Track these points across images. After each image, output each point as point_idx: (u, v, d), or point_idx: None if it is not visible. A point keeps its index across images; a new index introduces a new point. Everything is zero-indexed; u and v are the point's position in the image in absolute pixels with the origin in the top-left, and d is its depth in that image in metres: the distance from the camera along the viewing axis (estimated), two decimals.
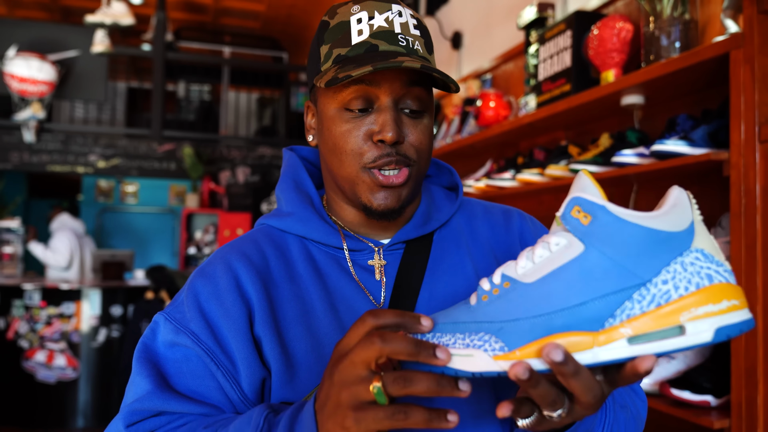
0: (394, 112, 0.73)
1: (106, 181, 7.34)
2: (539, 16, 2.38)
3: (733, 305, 0.50)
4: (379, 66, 0.67)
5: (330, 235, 0.80)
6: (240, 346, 0.72)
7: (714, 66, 1.51)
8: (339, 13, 0.75)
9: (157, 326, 0.75)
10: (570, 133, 2.39)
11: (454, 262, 0.82)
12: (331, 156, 0.76)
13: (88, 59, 5.59)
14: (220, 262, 0.78)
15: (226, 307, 0.73)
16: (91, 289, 4.58)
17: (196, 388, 0.71)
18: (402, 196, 0.76)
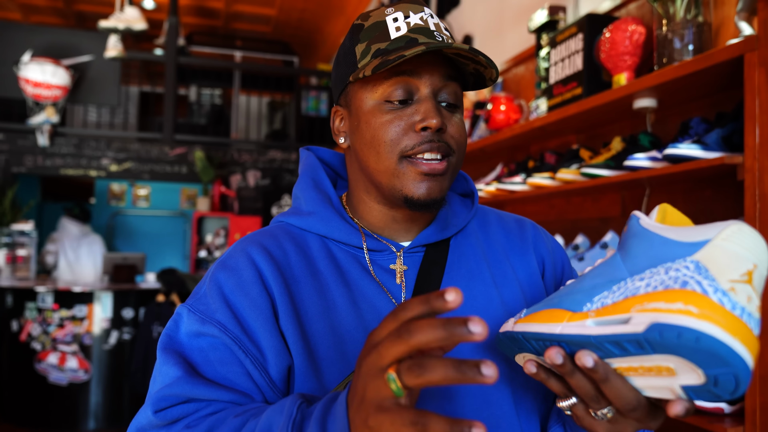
0: (435, 102, 0.75)
1: (119, 185, 7.40)
2: (550, 19, 2.37)
3: (687, 310, 0.48)
4: (432, 46, 0.69)
5: (351, 234, 0.81)
6: (267, 335, 0.73)
7: (728, 69, 1.49)
8: (373, 16, 0.79)
9: (180, 318, 0.76)
10: (581, 136, 2.38)
11: (471, 268, 0.84)
12: (367, 150, 0.77)
13: (101, 64, 5.64)
14: (241, 255, 0.79)
15: (251, 298, 0.75)
16: (103, 292, 4.61)
17: (225, 375, 0.72)
18: (444, 186, 0.77)
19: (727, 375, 0.47)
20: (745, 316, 0.48)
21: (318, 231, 0.82)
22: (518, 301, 0.84)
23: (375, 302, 0.78)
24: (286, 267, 0.78)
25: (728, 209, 1.72)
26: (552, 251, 0.91)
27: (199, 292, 0.78)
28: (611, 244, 1.98)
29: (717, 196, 1.76)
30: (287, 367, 0.74)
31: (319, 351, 0.74)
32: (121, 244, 7.42)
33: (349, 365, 0.73)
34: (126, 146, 6.10)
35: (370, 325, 0.76)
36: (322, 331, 0.75)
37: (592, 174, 1.90)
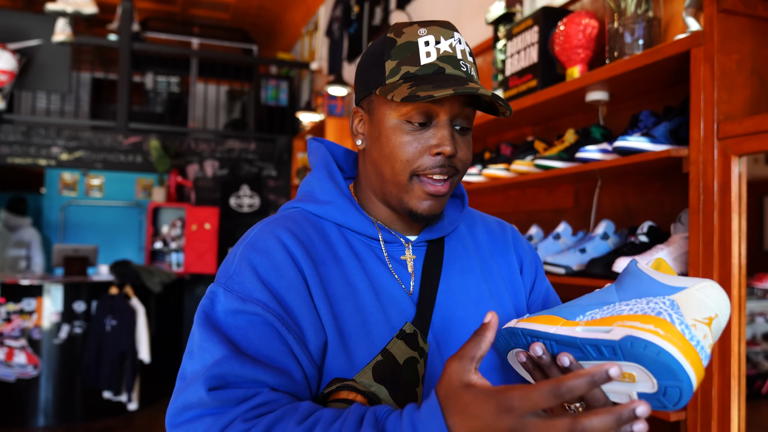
0: (451, 129, 0.83)
1: (71, 174, 7.16)
2: (507, 11, 2.38)
3: (656, 331, 0.61)
4: (460, 90, 0.76)
5: (367, 226, 0.89)
6: (306, 313, 0.78)
7: (676, 63, 1.52)
8: (406, 33, 0.83)
9: (215, 296, 0.79)
10: (537, 128, 2.41)
11: (464, 263, 0.95)
12: (384, 162, 0.84)
13: (50, 49, 5.43)
14: (270, 237, 0.83)
15: (288, 279, 0.80)
16: (53, 285, 4.46)
17: (267, 352, 0.75)
18: (443, 203, 0.87)
19: (675, 388, 0.60)
20: (698, 347, 0.61)
21: (335, 219, 0.88)
22: (503, 295, 0.95)
23: (390, 289, 0.86)
24: (313, 250, 0.84)
25: (676, 201, 1.76)
26: (528, 252, 1.04)
27: (229, 272, 0.81)
28: (563, 234, 2.01)
29: (665, 189, 1.81)
30: (324, 342, 0.79)
31: (347, 329, 0.81)
32: (73, 236, 7.19)
33: (372, 343, 0.81)
34: (77, 134, 5.90)
35: (387, 308, 0.84)
36: (349, 311, 0.82)
37: (545, 165, 1.92)
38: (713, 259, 1.35)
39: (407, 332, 0.82)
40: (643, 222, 1.71)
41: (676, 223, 1.58)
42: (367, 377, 0.77)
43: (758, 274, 2.26)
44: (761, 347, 2.26)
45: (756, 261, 2.26)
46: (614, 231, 1.85)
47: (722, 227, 1.35)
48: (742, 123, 1.32)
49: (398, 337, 0.81)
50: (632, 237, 1.71)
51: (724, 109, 1.37)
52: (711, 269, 1.35)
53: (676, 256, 1.50)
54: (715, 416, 1.33)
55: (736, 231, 1.33)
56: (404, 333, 0.82)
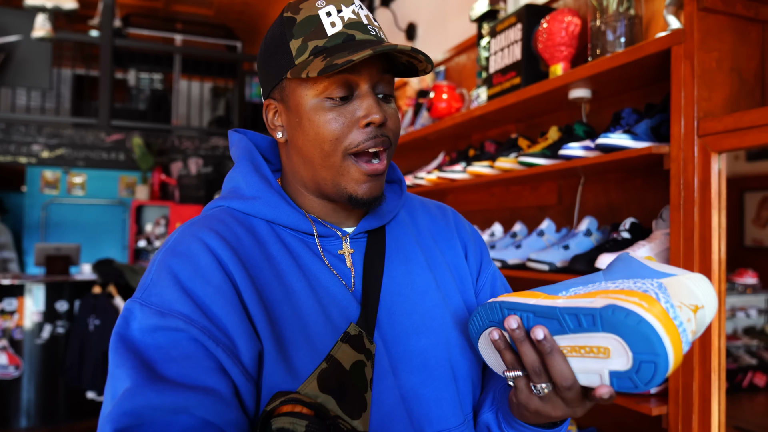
0: (375, 97, 0.78)
1: (52, 172, 7.07)
2: (491, 8, 2.38)
3: (639, 303, 0.60)
4: (379, 49, 0.71)
5: (300, 220, 0.82)
6: (236, 321, 0.71)
7: (657, 61, 1.54)
8: (303, 8, 0.78)
9: (130, 314, 0.71)
10: (521, 126, 2.42)
11: (408, 252, 0.89)
12: (311, 147, 0.78)
13: (30, 44, 5.35)
14: (192, 240, 0.75)
15: (215, 285, 0.72)
16: (35, 284, 4.41)
17: (190, 372, 0.67)
18: (383, 183, 0.82)
19: (650, 364, 0.59)
20: (680, 327, 0.60)
21: (265, 216, 0.82)
22: (449, 283, 0.90)
23: (329, 287, 0.80)
24: (242, 251, 0.77)
25: (658, 198, 1.78)
26: (471, 236, 0.99)
27: (146, 284, 0.73)
28: (547, 231, 2.02)
29: (647, 185, 1.82)
30: (258, 353, 0.72)
31: (286, 335, 0.74)
32: (55, 234, 7.10)
33: (315, 349, 0.74)
34: (59, 132, 5.83)
35: (327, 309, 0.78)
36: (287, 315, 0.75)
37: (529, 163, 1.93)
38: (694, 255, 1.37)
39: (352, 334, 0.76)
40: (626, 218, 1.73)
41: (657, 220, 1.59)
42: (312, 388, 0.71)
43: (739, 270, 2.29)
44: (742, 341, 2.29)
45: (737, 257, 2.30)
46: (597, 227, 1.86)
47: (702, 223, 1.36)
48: (721, 120, 1.33)
49: (342, 340, 0.75)
50: (615, 233, 1.72)
51: (704, 106, 1.39)
52: (692, 265, 1.37)
53: (658, 252, 1.52)
54: (696, 410, 1.35)
55: (716, 227, 1.35)
56: (349, 335, 0.76)
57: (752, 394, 2.19)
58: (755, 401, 2.21)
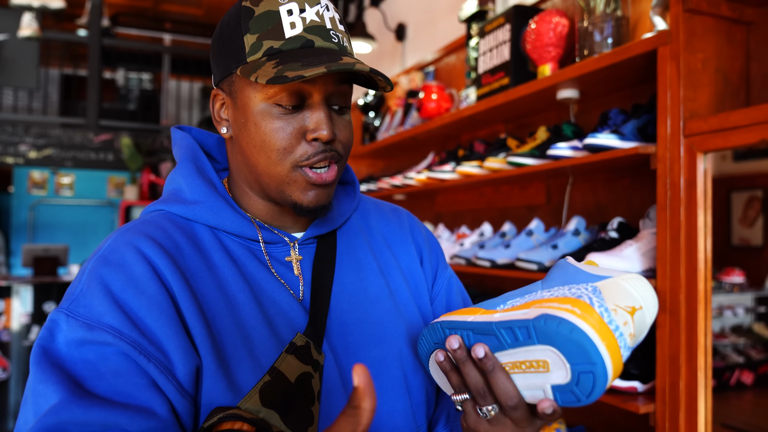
0: (327, 110, 0.73)
1: (40, 173, 7.01)
2: (480, 9, 2.39)
3: (572, 311, 0.58)
4: (334, 68, 0.66)
5: (244, 226, 0.78)
6: (171, 335, 0.66)
7: (643, 62, 1.55)
8: (264, 1, 0.72)
9: (55, 325, 0.65)
10: (509, 126, 2.43)
11: (360, 257, 0.85)
12: (257, 152, 0.74)
13: (17, 44, 5.31)
14: (127, 248, 0.70)
15: (149, 295, 0.67)
16: (22, 286, 4.37)
17: (121, 389, 0.62)
18: (331, 193, 0.77)
19: (588, 374, 0.56)
20: (617, 332, 0.57)
21: (207, 222, 0.77)
22: (403, 290, 0.86)
23: (275, 296, 0.76)
24: (181, 259, 0.72)
25: (644, 198, 1.79)
26: (427, 240, 0.96)
27: (75, 293, 0.68)
28: (536, 231, 2.03)
29: (634, 185, 1.84)
30: (195, 367, 0.67)
31: (227, 348, 0.69)
32: (43, 235, 7.05)
33: (258, 363, 0.70)
34: (46, 132, 5.78)
35: (273, 320, 0.74)
36: (228, 327, 0.71)
37: (517, 163, 1.94)
38: (680, 253, 1.38)
39: (298, 345, 0.72)
40: (613, 218, 1.74)
41: (644, 219, 1.60)
42: (254, 402, 0.66)
43: (726, 269, 2.31)
44: (729, 340, 2.31)
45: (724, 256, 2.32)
46: (585, 227, 1.87)
47: (688, 223, 1.37)
48: (707, 121, 1.34)
49: (288, 351, 0.70)
50: (603, 233, 1.73)
51: (689, 106, 1.40)
52: (678, 264, 1.38)
53: (645, 251, 1.53)
54: (683, 408, 1.36)
55: (702, 226, 1.36)
56: (294, 346, 0.71)
57: (740, 392, 2.21)
58: (743, 399, 2.24)
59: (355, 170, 3.73)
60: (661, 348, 1.40)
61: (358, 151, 3.41)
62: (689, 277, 1.37)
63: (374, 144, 3.13)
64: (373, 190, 3.09)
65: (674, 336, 1.38)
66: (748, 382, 2.21)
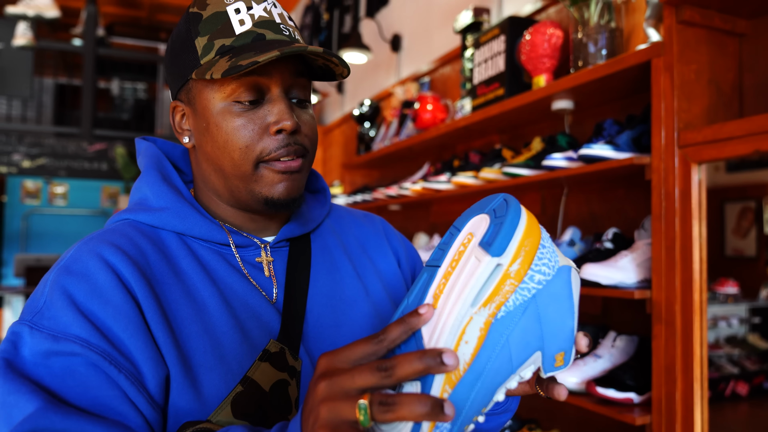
0: (288, 101, 0.73)
1: (33, 182, 6.98)
2: (475, 20, 2.40)
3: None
4: (287, 51, 0.66)
5: (213, 231, 0.76)
6: (140, 345, 0.64)
7: (637, 73, 1.56)
8: (211, 4, 0.73)
9: (19, 338, 0.63)
10: (504, 136, 2.43)
11: (335, 261, 0.85)
12: (221, 154, 0.73)
13: (11, 53, 5.30)
14: (90, 257, 0.68)
15: (114, 304, 0.64)
16: (14, 296, 4.34)
17: (93, 401, 0.60)
18: (301, 184, 0.76)
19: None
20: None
21: (174, 228, 0.75)
22: (380, 292, 0.86)
23: (247, 299, 0.74)
24: (146, 267, 0.70)
25: (639, 208, 1.80)
26: (403, 243, 0.96)
27: (38, 305, 0.65)
28: None
29: (629, 196, 1.84)
30: (164, 376, 0.65)
31: (195, 357, 0.67)
32: (36, 245, 7.01)
33: (229, 369, 0.68)
34: (40, 141, 5.76)
35: (245, 324, 0.72)
36: (196, 334, 0.68)
37: (512, 173, 1.94)
38: (675, 264, 1.38)
39: (272, 351, 0.70)
40: (608, 228, 1.74)
41: (639, 230, 1.60)
42: (226, 414, 0.64)
43: (720, 279, 2.32)
44: (724, 351, 2.31)
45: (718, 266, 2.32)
46: (580, 237, 1.87)
47: (683, 233, 1.37)
48: (701, 131, 1.35)
49: (261, 359, 0.69)
50: (598, 243, 1.73)
51: (683, 117, 1.41)
52: (673, 275, 1.38)
53: (640, 261, 1.53)
54: (679, 419, 1.35)
55: (697, 236, 1.36)
56: (268, 353, 0.69)
57: (735, 403, 2.20)
58: (738, 410, 2.23)
59: (351, 180, 3.72)
60: (656, 359, 1.40)
61: (353, 162, 3.41)
62: (684, 288, 1.37)
63: (369, 154, 3.13)
64: (368, 200, 3.09)
65: (670, 347, 1.37)
66: (743, 393, 2.20)
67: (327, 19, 4.68)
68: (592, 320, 1.92)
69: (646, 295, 1.46)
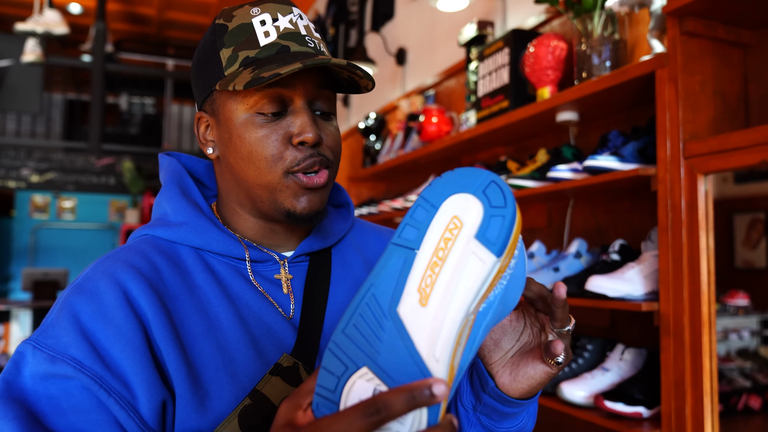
0: (311, 113, 0.72)
1: (42, 197, 7.03)
2: (479, 33, 2.41)
3: None
4: (310, 63, 0.66)
5: (231, 245, 0.75)
6: (136, 368, 0.63)
7: (642, 84, 1.55)
8: (237, 16, 0.73)
9: (22, 358, 0.63)
10: (509, 148, 2.43)
11: (356, 276, 0.83)
12: (245, 165, 0.72)
13: (21, 69, 5.36)
14: (102, 276, 0.68)
15: (116, 325, 0.64)
16: (21, 310, 4.35)
17: (81, 426, 0.60)
18: (324, 198, 0.75)
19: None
20: None
21: (191, 243, 0.74)
22: None
23: (262, 315, 0.73)
24: (160, 283, 0.69)
25: (645, 220, 1.78)
26: None
27: (46, 323, 0.66)
28: (537, 254, 2.01)
29: (634, 207, 1.83)
30: (161, 401, 0.64)
31: (206, 374, 0.67)
32: (44, 259, 7.04)
33: (240, 386, 0.67)
34: (49, 156, 5.81)
35: (260, 341, 0.71)
36: (208, 351, 0.68)
37: (518, 185, 1.93)
38: (683, 276, 1.36)
39: (284, 366, 0.68)
40: (614, 240, 1.73)
41: (646, 241, 1.59)
42: (233, 427, 0.63)
43: (730, 291, 2.29)
44: (735, 364, 2.28)
45: (728, 278, 2.30)
46: (587, 249, 1.86)
47: (691, 245, 1.36)
48: (706, 142, 1.34)
49: (272, 373, 0.68)
50: (604, 255, 1.72)
51: (689, 128, 1.40)
52: (681, 287, 1.36)
53: (647, 273, 1.52)
54: None
55: (704, 248, 1.35)
56: (280, 367, 0.68)
57: (747, 417, 2.17)
58: (750, 424, 2.20)
59: (356, 193, 3.73)
60: (665, 372, 1.38)
61: (359, 174, 3.41)
62: (692, 300, 1.35)
63: (375, 167, 3.13)
64: (374, 213, 3.08)
65: (678, 360, 1.36)
66: (756, 406, 2.17)
67: (333, 34, 4.71)
68: (600, 333, 1.90)
69: (653, 308, 1.44)
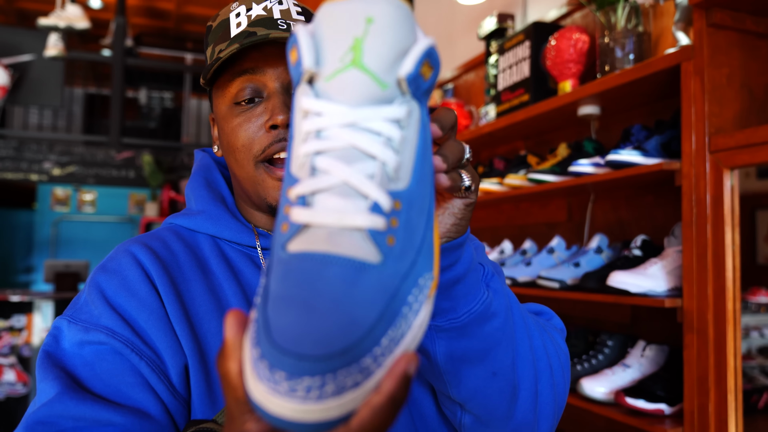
0: (285, 96, 0.71)
1: (63, 189, 7.13)
2: (499, 26, 2.39)
3: None
4: (246, 42, 0.66)
5: (243, 233, 0.76)
6: (161, 335, 0.66)
7: (666, 77, 1.53)
8: (220, 14, 0.75)
9: (59, 331, 0.67)
10: (529, 142, 2.41)
11: None
12: (229, 157, 0.74)
13: (42, 64, 5.43)
14: (123, 256, 0.72)
15: (139, 298, 0.68)
16: (44, 301, 4.42)
17: (117, 387, 0.63)
18: None
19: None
20: None
21: (207, 231, 0.76)
22: None
23: None
24: (174, 266, 0.72)
25: (668, 215, 1.76)
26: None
27: (79, 302, 0.70)
28: (557, 249, 2.00)
29: (658, 202, 1.81)
30: (184, 366, 0.67)
31: (213, 352, 0.69)
32: (65, 251, 7.14)
33: None
34: (70, 149, 5.89)
35: None
36: (215, 330, 0.70)
37: (538, 180, 1.92)
38: (707, 272, 1.34)
39: None
40: (636, 235, 1.71)
41: (669, 237, 1.57)
42: None
43: (752, 288, 2.25)
44: (756, 362, 2.25)
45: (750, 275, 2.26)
46: (608, 245, 1.84)
47: (715, 240, 1.34)
48: (733, 136, 1.32)
49: None
50: (626, 251, 1.70)
51: (714, 122, 1.38)
52: (705, 283, 1.35)
53: (670, 269, 1.50)
54: (713, 431, 1.31)
55: (729, 244, 1.33)
56: None
57: None
58: None
59: None
60: (688, 369, 1.37)
61: None
62: (717, 296, 1.33)
63: None
64: None
65: (702, 357, 1.34)
66: None
67: None
68: (620, 329, 1.88)
69: (677, 304, 1.42)
